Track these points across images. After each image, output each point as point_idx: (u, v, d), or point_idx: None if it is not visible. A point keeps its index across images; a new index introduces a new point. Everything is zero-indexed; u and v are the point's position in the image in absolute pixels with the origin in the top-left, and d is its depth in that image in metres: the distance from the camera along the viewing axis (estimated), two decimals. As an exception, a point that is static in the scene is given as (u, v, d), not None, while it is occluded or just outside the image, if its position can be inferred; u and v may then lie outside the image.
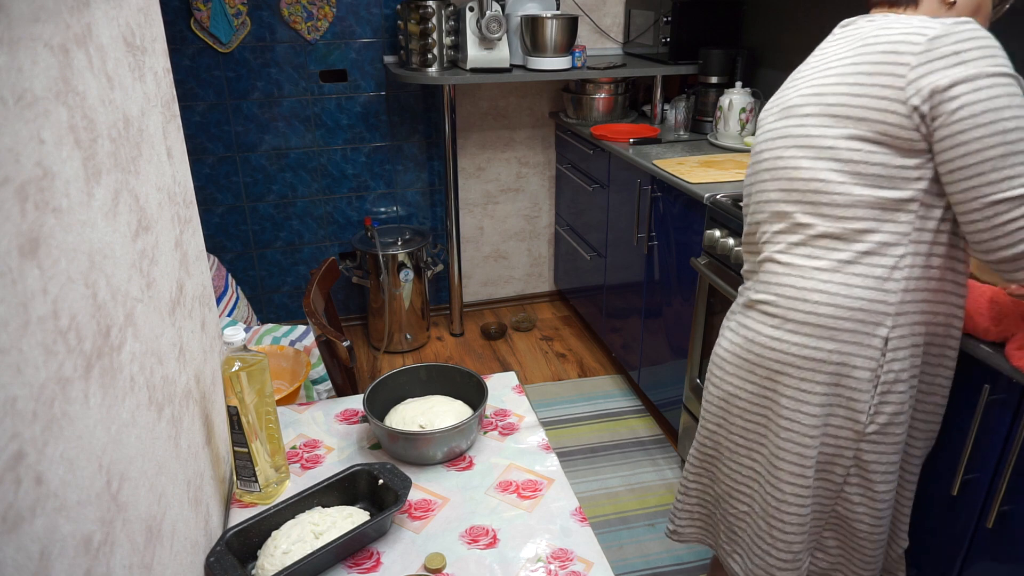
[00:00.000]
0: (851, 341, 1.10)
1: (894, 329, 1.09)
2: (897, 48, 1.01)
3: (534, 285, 3.54)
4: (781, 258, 1.16)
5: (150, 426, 0.76)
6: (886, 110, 1.02)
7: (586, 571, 0.96)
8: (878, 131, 1.03)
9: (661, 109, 2.95)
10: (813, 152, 1.11)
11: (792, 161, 1.14)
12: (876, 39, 1.05)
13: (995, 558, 1.23)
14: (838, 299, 1.09)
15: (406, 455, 1.16)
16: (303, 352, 2.02)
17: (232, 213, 2.98)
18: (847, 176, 1.07)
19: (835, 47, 1.13)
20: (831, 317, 1.10)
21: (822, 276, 1.10)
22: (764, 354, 1.18)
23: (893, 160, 1.03)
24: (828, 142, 1.08)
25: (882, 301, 1.08)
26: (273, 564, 0.93)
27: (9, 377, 0.47)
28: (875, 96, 1.03)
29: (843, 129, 1.07)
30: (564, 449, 2.44)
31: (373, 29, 2.85)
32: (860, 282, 1.08)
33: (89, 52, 0.67)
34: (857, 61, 1.06)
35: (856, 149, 1.06)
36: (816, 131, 1.10)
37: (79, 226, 0.61)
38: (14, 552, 0.46)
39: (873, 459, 1.16)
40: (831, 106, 1.08)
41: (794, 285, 1.13)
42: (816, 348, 1.12)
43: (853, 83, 1.05)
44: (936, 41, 0.98)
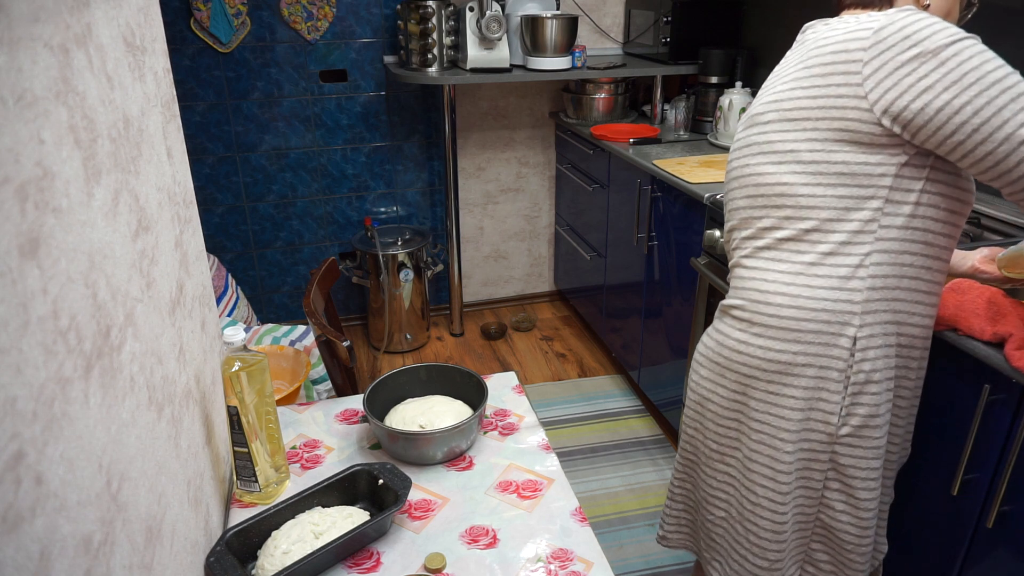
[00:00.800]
0: (817, 342, 1.09)
1: (862, 328, 1.08)
2: (846, 46, 1.01)
3: (534, 285, 3.54)
4: (747, 263, 1.18)
5: (150, 426, 0.76)
6: (844, 107, 1.02)
7: (586, 571, 0.96)
8: (837, 128, 1.03)
9: (661, 109, 2.95)
10: (776, 157, 1.12)
11: (756, 168, 1.15)
12: (825, 40, 1.06)
13: (995, 558, 1.23)
14: (800, 300, 1.09)
15: (406, 455, 1.16)
16: (303, 352, 2.02)
17: (232, 213, 2.98)
18: (809, 177, 1.07)
19: (793, 55, 1.15)
20: (794, 319, 1.10)
21: (784, 279, 1.11)
22: (733, 358, 1.18)
23: (855, 157, 1.03)
24: (789, 146, 1.09)
25: (847, 300, 1.07)
26: (273, 564, 0.93)
27: (9, 377, 0.47)
28: (831, 95, 1.03)
29: (801, 132, 1.08)
30: (564, 449, 2.44)
31: (373, 29, 2.85)
32: (823, 283, 1.08)
33: (89, 52, 0.67)
34: (808, 64, 1.07)
35: (817, 150, 1.06)
36: (777, 136, 1.11)
37: (79, 226, 0.61)
38: (14, 552, 0.46)
39: (851, 463, 1.14)
40: (788, 111, 1.09)
41: (758, 289, 1.14)
42: (781, 351, 1.12)
43: (808, 86, 1.06)
44: (882, 32, 0.98)
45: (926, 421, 1.33)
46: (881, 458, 1.16)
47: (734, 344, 1.18)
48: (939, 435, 1.31)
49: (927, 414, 1.33)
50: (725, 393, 1.22)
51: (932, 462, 1.33)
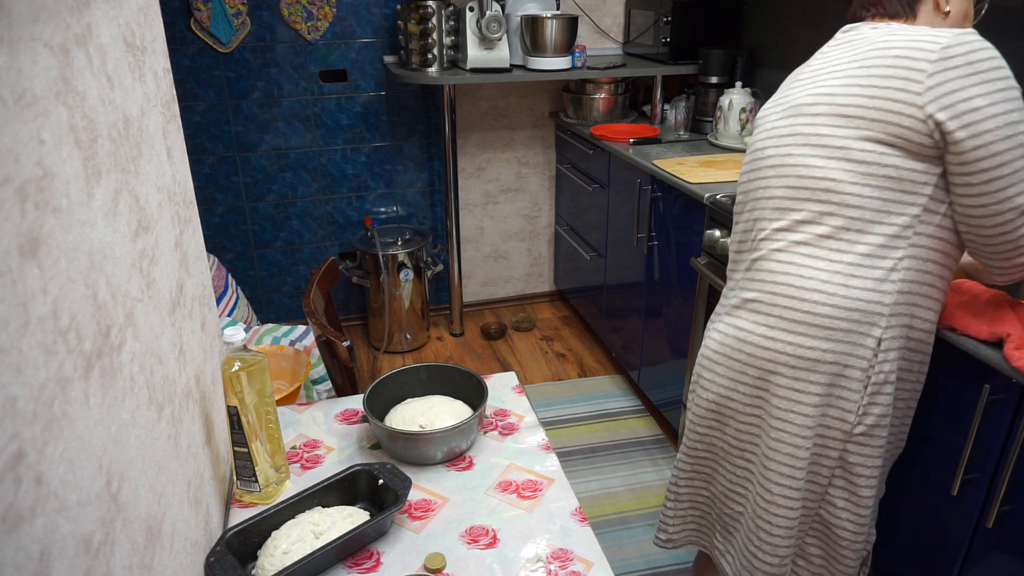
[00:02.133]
0: (846, 341, 1.10)
1: (887, 330, 1.10)
2: (911, 54, 1.03)
3: (534, 285, 3.54)
4: (780, 256, 1.16)
5: (150, 426, 0.76)
6: (901, 113, 1.03)
7: (586, 571, 0.96)
8: (891, 133, 1.05)
9: (661, 109, 2.95)
10: (825, 152, 1.11)
11: (802, 159, 1.14)
12: (887, 44, 1.06)
13: (995, 558, 1.23)
14: (836, 299, 1.09)
15: (406, 455, 1.16)
16: (303, 352, 2.02)
17: (232, 213, 2.98)
18: (858, 176, 1.08)
19: (839, 51, 1.14)
20: (828, 317, 1.10)
21: (822, 276, 1.11)
22: (756, 353, 1.18)
23: (904, 163, 1.05)
24: (840, 142, 1.09)
25: (878, 302, 1.09)
26: (273, 564, 0.93)
27: (9, 377, 0.47)
28: (890, 99, 1.04)
29: (856, 130, 1.08)
30: (564, 449, 2.44)
31: (373, 29, 2.85)
32: (859, 283, 1.09)
33: (89, 52, 0.67)
34: (868, 64, 1.07)
35: (869, 150, 1.07)
36: (827, 131, 1.11)
37: (79, 226, 0.61)
38: (14, 552, 0.46)
39: (858, 461, 1.16)
40: (843, 107, 1.09)
41: (792, 284, 1.13)
42: (811, 348, 1.12)
43: (867, 85, 1.07)
44: (949, 50, 1.00)
45: (926, 421, 1.33)
46: (883, 457, 1.17)
47: (758, 340, 1.17)
48: (939, 435, 1.31)
49: (927, 414, 1.33)
50: (746, 389, 1.21)
51: (932, 462, 1.33)
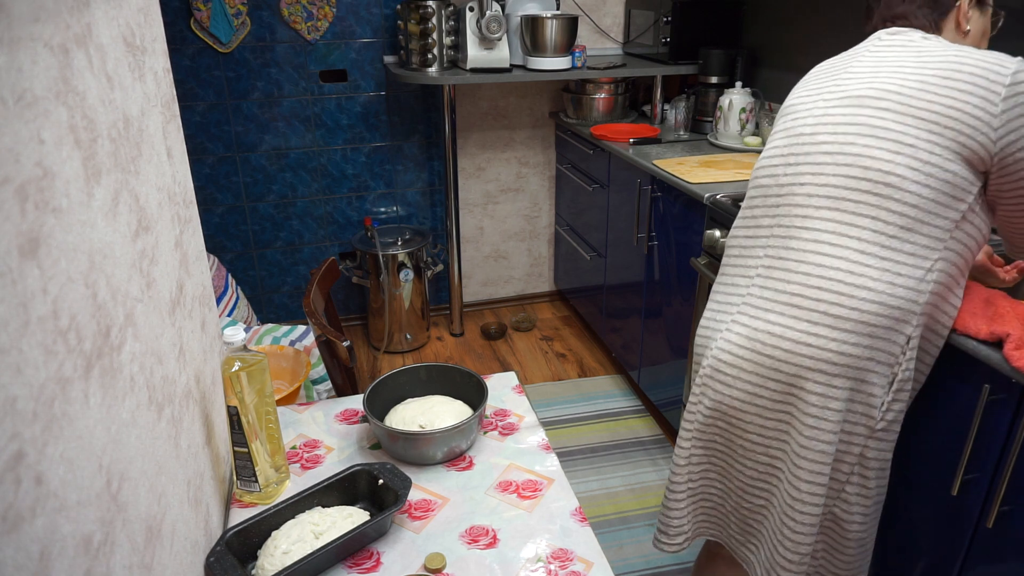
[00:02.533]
0: (883, 338, 1.11)
1: (915, 328, 1.12)
2: (987, 75, 1.07)
3: (534, 285, 3.54)
4: (830, 250, 1.13)
5: (150, 426, 0.76)
6: (976, 128, 1.07)
7: (586, 571, 0.96)
8: (960, 143, 1.08)
9: (661, 109, 2.95)
10: (893, 147, 1.11)
11: (869, 151, 1.12)
12: (959, 58, 1.10)
13: (995, 558, 1.23)
14: (883, 297, 1.10)
15: (406, 455, 1.16)
16: (303, 352, 2.02)
17: (232, 213, 2.98)
18: (921, 176, 1.09)
19: (896, 52, 1.17)
20: (873, 314, 1.10)
21: (872, 273, 1.10)
22: (794, 349, 1.14)
23: (962, 171, 1.09)
24: (910, 140, 1.10)
25: (914, 300, 1.11)
26: (273, 564, 0.93)
27: (9, 377, 0.47)
28: (969, 113, 1.07)
29: (927, 132, 1.09)
30: (564, 449, 2.44)
31: (373, 29, 2.85)
32: (903, 282, 1.10)
33: (89, 52, 0.67)
34: (944, 73, 1.10)
35: (936, 153, 1.09)
36: (897, 127, 1.11)
37: (79, 226, 0.61)
38: (14, 552, 0.46)
39: (874, 456, 1.18)
40: (916, 108, 1.10)
41: (843, 280, 1.11)
42: (855, 344, 1.11)
43: (944, 93, 1.09)
44: (1018, 75, 1.06)
45: (926, 421, 1.33)
46: (891, 450, 1.20)
47: (798, 336, 1.14)
48: (939, 435, 1.31)
49: (927, 414, 1.33)
50: (776, 387, 1.18)
51: (932, 462, 1.33)
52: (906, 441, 1.39)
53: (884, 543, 1.48)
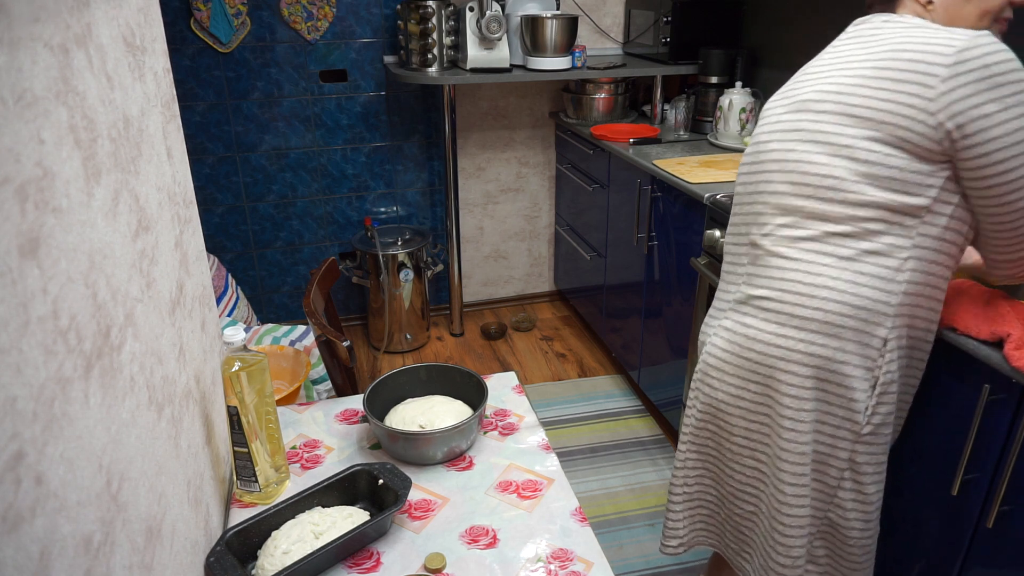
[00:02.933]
0: (854, 340, 1.11)
1: (892, 330, 1.10)
2: (925, 58, 1.02)
3: (534, 285, 3.54)
4: (788, 253, 1.15)
5: (150, 426, 0.76)
6: (912, 118, 1.03)
7: (586, 571, 0.96)
8: (899, 136, 1.05)
9: (661, 109, 2.95)
10: (829, 149, 1.11)
11: (806, 156, 1.13)
12: (901, 45, 1.06)
13: (995, 558, 1.23)
14: (846, 296, 1.10)
15: (406, 455, 1.16)
16: (303, 352, 2.02)
17: (232, 213, 2.98)
18: (861, 176, 1.08)
19: (850, 47, 1.14)
20: (837, 314, 1.10)
21: (831, 272, 1.11)
22: (767, 351, 1.17)
23: (909, 165, 1.05)
24: (846, 140, 1.09)
25: (885, 302, 1.09)
26: (273, 564, 0.93)
27: (9, 377, 0.47)
28: (901, 103, 1.04)
29: (862, 130, 1.08)
30: (564, 449, 2.44)
31: (373, 29, 2.85)
32: (866, 280, 1.09)
33: (89, 52, 0.67)
34: (882, 65, 1.06)
35: (874, 151, 1.07)
36: (833, 128, 1.11)
37: (79, 226, 0.61)
38: (14, 552, 0.46)
39: (866, 460, 1.17)
40: (852, 106, 1.09)
41: (801, 281, 1.13)
42: (823, 345, 1.12)
43: (878, 87, 1.06)
44: (963, 53, 0.99)
45: (926, 421, 1.34)
46: (887, 452, 1.18)
47: (768, 337, 1.17)
48: (939, 435, 1.31)
49: (927, 414, 1.33)
50: (756, 388, 1.20)
51: (932, 462, 1.33)
52: (906, 441, 1.39)
53: (884, 544, 1.48)
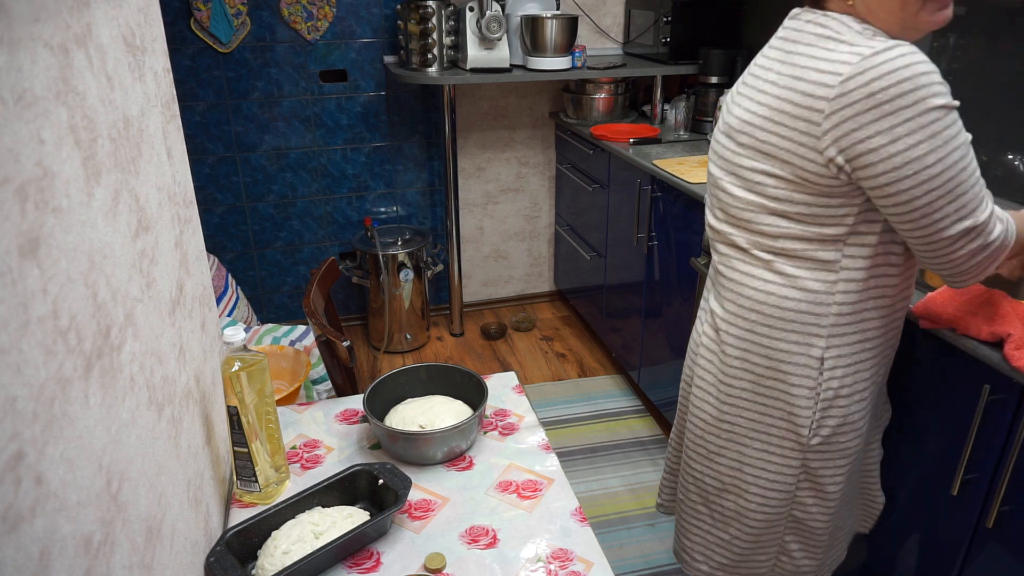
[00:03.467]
0: (787, 360, 1.13)
1: (828, 349, 1.11)
2: (815, 91, 0.97)
3: (534, 285, 3.54)
4: (725, 272, 1.19)
5: (150, 426, 0.76)
6: (804, 157, 1.01)
7: (586, 571, 0.96)
8: (797, 175, 1.03)
9: (661, 109, 2.95)
10: (744, 184, 1.11)
11: (728, 187, 1.15)
12: (800, 72, 1.00)
13: (995, 558, 1.23)
14: (775, 317, 1.12)
15: (406, 455, 1.16)
16: (303, 352, 2.02)
17: (232, 213, 2.98)
18: (771, 212, 1.08)
19: (774, 59, 1.08)
20: (768, 337, 1.14)
21: (758, 296, 1.14)
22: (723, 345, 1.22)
23: (816, 200, 1.03)
24: (756, 176, 1.09)
25: (815, 324, 1.10)
26: (273, 564, 0.93)
27: (9, 377, 0.47)
28: (793, 140, 1.01)
29: (768, 166, 1.06)
30: (564, 449, 2.44)
31: (373, 29, 2.85)
32: (792, 304, 1.11)
33: (89, 52, 0.67)
34: (783, 96, 1.02)
35: (780, 188, 1.05)
36: (748, 163, 1.10)
37: (79, 226, 0.61)
38: (14, 552, 0.46)
39: (820, 466, 1.20)
40: (761, 142, 1.07)
41: (741, 293, 1.16)
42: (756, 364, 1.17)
43: (779, 122, 1.03)
44: (848, 83, 0.94)
45: (926, 421, 1.34)
46: (852, 459, 1.21)
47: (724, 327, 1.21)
48: (939, 435, 1.31)
49: (927, 414, 1.33)
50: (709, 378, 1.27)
51: (932, 462, 1.33)
52: (906, 441, 1.39)
53: (884, 543, 1.48)
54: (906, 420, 1.38)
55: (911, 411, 1.36)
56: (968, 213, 0.97)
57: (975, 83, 1.79)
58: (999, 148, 1.75)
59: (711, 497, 1.31)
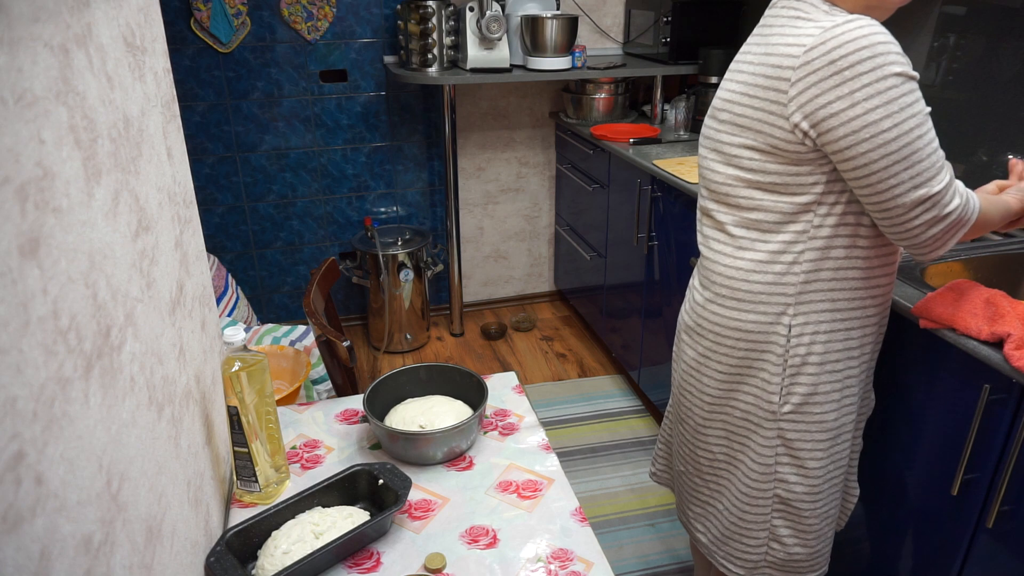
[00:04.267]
0: (757, 330, 1.19)
1: (795, 317, 1.16)
2: (781, 62, 1.04)
3: (534, 285, 3.54)
4: (708, 244, 1.25)
5: (150, 426, 0.76)
6: (773, 124, 1.07)
7: (586, 571, 0.96)
8: (769, 143, 1.09)
9: (661, 109, 2.95)
10: (723, 158, 1.18)
11: (710, 164, 1.21)
12: (772, 48, 1.07)
13: (995, 558, 1.23)
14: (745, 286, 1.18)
15: (406, 455, 1.16)
16: (303, 352, 2.02)
17: (232, 213, 2.98)
18: (747, 183, 1.14)
19: (752, 43, 1.15)
20: (738, 310, 1.20)
21: (734, 264, 1.19)
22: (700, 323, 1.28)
23: (786, 169, 1.09)
24: (733, 150, 1.15)
25: (782, 294, 1.16)
26: (273, 564, 0.93)
27: (9, 377, 0.47)
28: (764, 110, 1.08)
29: (743, 139, 1.13)
30: (564, 449, 2.44)
31: (373, 29, 2.85)
32: (761, 278, 1.17)
33: (89, 52, 0.67)
34: (757, 72, 1.09)
35: (754, 159, 1.12)
36: (727, 138, 1.16)
37: (79, 226, 0.61)
38: (14, 552, 0.46)
39: (796, 437, 1.22)
40: (737, 116, 1.13)
41: (719, 272, 1.22)
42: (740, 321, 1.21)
43: (753, 95, 1.10)
44: (811, 52, 0.99)
45: (926, 421, 1.34)
46: (829, 431, 1.23)
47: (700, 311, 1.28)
48: (939, 435, 1.31)
49: (927, 414, 1.33)
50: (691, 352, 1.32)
51: (932, 462, 1.33)
52: (906, 441, 1.39)
53: (885, 543, 1.48)
54: (906, 420, 1.38)
55: (911, 411, 1.37)
56: (923, 182, 1.01)
57: (975, 83, 1.79)
58: (999, 148, 1.75)
59: (704, 469, 1.36)
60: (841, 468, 1.28)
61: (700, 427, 1.33)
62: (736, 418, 1.27)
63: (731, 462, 1.31)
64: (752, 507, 1.30)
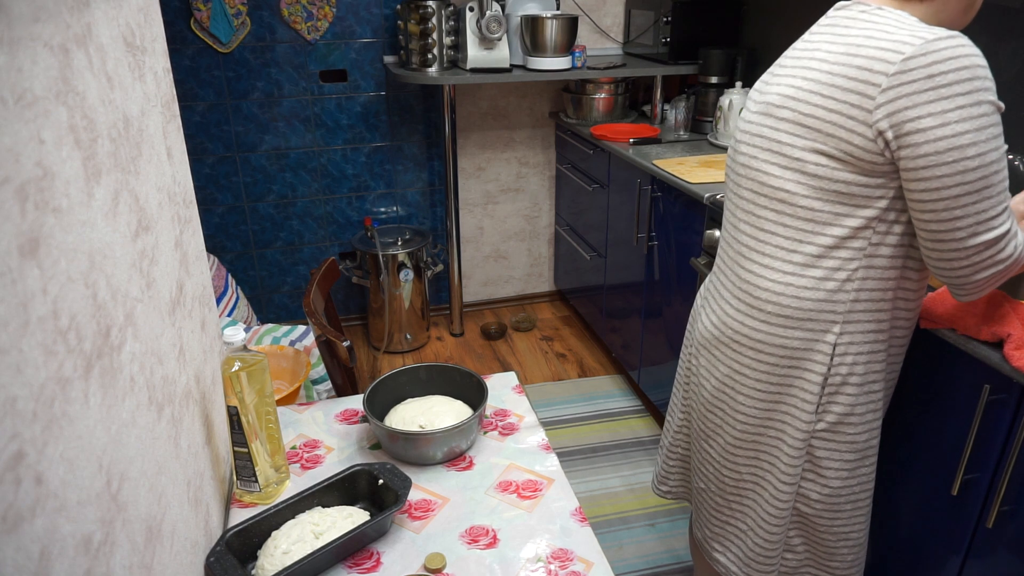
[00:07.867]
0: (801, 347, 1.14)
1: (842, 336, 1.12)
2: (872, 65, 0.98)
3: (534, 285, 3.54)
4: (749, 255, 1.18)
5: (150, 426, 0.76)
6: (853, 131, 1.01)
7: (586, 571, 0.96)
8: (843, 150, 1.03)
9: (661, 109, 2.95)
10: (783, 161, 1.11)
11: (764, 166, 1.14)
12: (857, 49, 1.02)
13: (995, 558, 1.23)
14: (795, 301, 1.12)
15: (406, 455, 1.16)
16: (303, 352, 2.02)
17: (232, 213, 2.98)
18: (811, 190, 1.08)
19: (820, 39, 1.09)
20: (788, 317, 1.14)
21: (781, 279, 1.13)
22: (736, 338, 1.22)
23: (856, 179, 1.03)
24: (797, 153, 1.08)
25: (831, 311, 1.11)
26: (273, 564, 0.93)
27: (9, 377, 0.47)
28: (845, 115, 1.02)
29: (811, 142, 1.06)
30: (564, 449, 2.44)
31: (373, 29, 2.85)
32: (811, 294, 1.11)
33: (89, 52, 0.67)
34: (835, 71, 1.03)
35: (822, 164, 1.05)
36: (787, 139, 1.10)
37: (79, 226, 0.61)
38: (14, 552, 0.46)
39: (825, 455, 1.19)
40: (804, 115, 1.07)
41: (759, 286, 1.16)
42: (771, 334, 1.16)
43: (828, 95, 1.03)
44: (910, 62, 0.95)
45: (926, 421, 1.34)
46: (857, 451, 1.20)
47: (736, 326, 1.21)
48: (939, 435, 1.31)
49: (927, 414, 1.33)
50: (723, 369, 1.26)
51: (932, 462, 1.33)
52: (906, 441, 1.39)
53: (885, 543, 1.48)
54: (906, 420, 1.38)
55: (911, 411, 1.37)
56: (985, 220, 0.98)
57: (975, 83, 1.79)
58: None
59: (728, 488, 1.32)
60: (866, 491, 1.24)
61: (731, 445, 1.28)
62: (770, 437, 1.22)
63: (758, 481, 1.27)
64: (778, 525, 1.26)
